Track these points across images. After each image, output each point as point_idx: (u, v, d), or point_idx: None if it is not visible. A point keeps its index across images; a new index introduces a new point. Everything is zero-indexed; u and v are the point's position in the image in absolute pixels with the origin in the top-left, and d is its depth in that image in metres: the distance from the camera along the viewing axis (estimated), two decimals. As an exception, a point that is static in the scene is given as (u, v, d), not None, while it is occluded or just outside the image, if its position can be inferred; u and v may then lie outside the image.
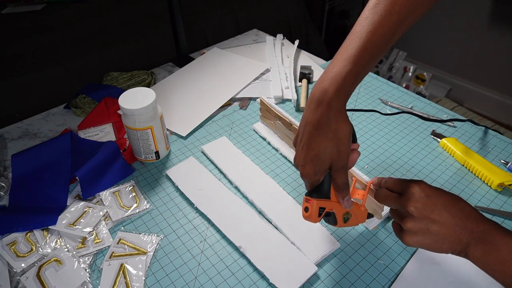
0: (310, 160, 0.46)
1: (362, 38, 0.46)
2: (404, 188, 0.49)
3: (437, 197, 0.46)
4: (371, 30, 0.46)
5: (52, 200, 0.64)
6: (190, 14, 1.20)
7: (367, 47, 0.46)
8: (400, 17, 0.47)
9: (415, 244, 0.47)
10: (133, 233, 0.60)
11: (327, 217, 0.51)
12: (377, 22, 0.46)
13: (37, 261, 0.56)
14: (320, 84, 0.47)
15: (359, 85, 0.94)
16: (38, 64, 0.99)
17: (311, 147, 0.46)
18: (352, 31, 0.48)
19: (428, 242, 0.46)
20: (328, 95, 0.45)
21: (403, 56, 2.37)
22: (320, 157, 0.46)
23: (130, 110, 0.64)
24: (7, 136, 0.81)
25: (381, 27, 0.46)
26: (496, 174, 0.66)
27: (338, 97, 0.45)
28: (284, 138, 0.75)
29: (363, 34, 0.46)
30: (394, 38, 0.48)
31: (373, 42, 0.46)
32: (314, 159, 0.46)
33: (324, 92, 0.45)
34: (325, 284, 0.54)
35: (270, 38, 1.13)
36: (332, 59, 0.48)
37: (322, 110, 0.45)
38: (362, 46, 0.46)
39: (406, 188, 0.48)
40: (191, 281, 0.54)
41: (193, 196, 0.65)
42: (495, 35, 1.97)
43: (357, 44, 0.46)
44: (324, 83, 0.46)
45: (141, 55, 1.12)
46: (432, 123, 0.81)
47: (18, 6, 1.19)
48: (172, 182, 0.68)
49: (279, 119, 0.73)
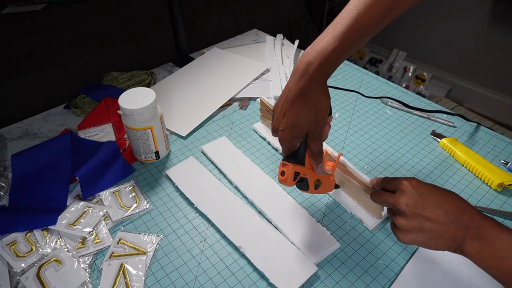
0: (289, 126, 0.49)
1: (352, 18, 0.47)
2: (396, 186, 0.49)
3: (429, 194, 0.46)
4: (362, 11, 0.47)
5: (52, 200, 0.64)
6: (190, 14, 1.20)
7: (355, 27, 0.47)
8: (392, 2, 0.48)
9: (410, 241, 0.47)
10: (133, 233, 0.60)
11: (300, 183, 0.54)
12: (369, 4, 0.47)
13: (37, 261, 0.56)
14: (306, 57, 0.48)
15: (359, 85, 0.94)
16: (38, 64, 0.99)
17: (291, 114, 0.49)
18: (344, 8, 0.49)
19: (422, 240, 0.46)
20: (312, 67, 0.47)
21: (403, 56, 2.37)
22: (299, 124, 0.49)
23: (130, 110, 0.64)
24: (7, 136, 0.81)
25: (372, 9, 0.47)
26: (496, 174, 0.66)
27: (322, 71, 0.48)
28: None
29: (353, 13, 0.47)
30: (384, 22, 0.49)
31: (362, 23, 0.47)
32: (293, 126, 0.49)
33: (309, 64, 0.48)
34: (325, 284, 0.54)
35: (270, 38, 1.13)
36: (321, 33, 0.49)
37: (305, 81, 0.48)
38: (350, 25, 0.47)
39: (397, 186, 0.49)
40: (191, 281, 0.54)
41: (193, 196, 0.65)
42: (495, 35, 1.97)
43: (347, 23, 0.47)
44: (309, 56, 0.48)
45: (141, 55, 1.12)
46: (432, 123, 0.81)
47: (18, 6, 1.19)
48: (172, 182, 0.68)
49: None
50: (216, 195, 0.65)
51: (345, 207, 0.64)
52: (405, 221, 0.46)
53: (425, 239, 0.45)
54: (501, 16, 1.92)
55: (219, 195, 0.65)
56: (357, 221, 0.62)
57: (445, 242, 0.45)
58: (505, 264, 0.41)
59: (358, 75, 0.98)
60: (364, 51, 2.55)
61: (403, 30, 2.34)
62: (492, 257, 0.42)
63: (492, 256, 0.42)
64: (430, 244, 0.46)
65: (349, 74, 0.99)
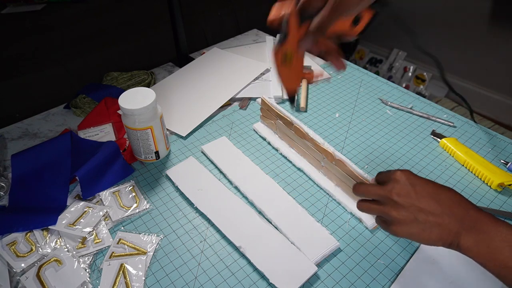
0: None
1: None
2: (389, 177, 0.48)
3: (422, 185, 0.46)
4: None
5: (52, 200, 0.64)
6: (190, 14, 1.20)
7: None
8: None
9: (403, 233, 0.45)
10: (133, 233, 0.60)
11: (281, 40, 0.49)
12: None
13: (37, 261, 0.56)
14: None
15: (359, 85, 0.94)
16: (38, 64, 0.99)
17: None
18: None
19: (416, 231, 0.44)
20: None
21: (403, 56, 2.37)
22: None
23: (130, 110, 0.64)
24: (7, 136, 0.81)
25: None
26: (496, 174, 0.66)
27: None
28: (284, 137, 0.75)
29: None
30: None
31: None
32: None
33: None
34: (325, 284, 0.54)
35: (270, 38, 1.13)
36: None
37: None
38: None
39: (390, 177, 0.47)
40: (191, 281, 0.54)
41: (193, 196, 0.65)
42: (495, 35, 1.97)
43: None
44: None
45: (141, 55, 1.12)
46: (432, 123, 0.82)
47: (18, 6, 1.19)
48: (172, 182, 0.68)
49: (280, 119, 0.73)
50: (216, 195, 0.65)
51: (345, 207, 0.64)
52: (397, 211, 0.45)
53: (419, 231, 0.44)
54: (501, 17, 1.92)
55: (219, 195, 0.65)
56: (357, 221, 0.62)
57: (439, 234, 0.43)
58: (500, 255, 0.41)
59: (358, 75, 0.98)
60: (364, 51, 2.55)
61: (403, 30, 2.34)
62: (488, 249, 0.41)
63: (488, 248, 0.41)
64: (423, 235, 0.44)
65: (349, 74, 0.99)
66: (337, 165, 0.63)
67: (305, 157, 0.72)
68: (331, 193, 0.66)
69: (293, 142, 0.73)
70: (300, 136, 0.70)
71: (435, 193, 0.45)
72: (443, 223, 0.43)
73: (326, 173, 0.68)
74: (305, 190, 0.67)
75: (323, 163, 0.67)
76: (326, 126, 0.82)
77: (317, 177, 0.69)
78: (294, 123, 0.70)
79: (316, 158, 0.69)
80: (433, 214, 0.44)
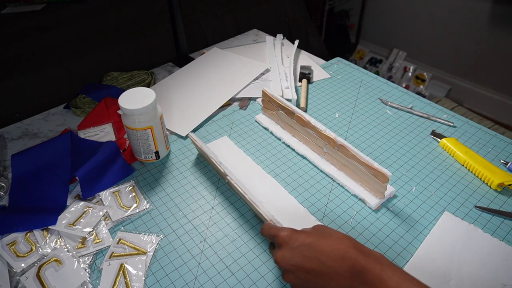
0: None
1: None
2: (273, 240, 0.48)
3: (304, 245, 0.45)
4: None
5: (52, 200, 0.64)
6: (190, 14, 1.20)
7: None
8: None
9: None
10: (133, 233, 0.60)
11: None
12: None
13: (37, 261, 0.56)
14: None
15: (359, 85, 0.94)
16: (38, 64, 0.99)
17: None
18: None
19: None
20: None
21: (403, 56, 2.37)
22: None
23: (130, 110, 0.64)
24: (7, 136, 0.81)
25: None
26: (496, 174, 0.66)
27: None
28: (286, 127, 0.77)
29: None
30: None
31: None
32: None
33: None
34: (325, 284, 0.54)
35: (270, 38, 1.13)
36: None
37: None
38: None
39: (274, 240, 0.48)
40: (191, 281, 0.54)
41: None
42: (495, 35, 1.98)
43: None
44: None
45: (141, 55, 1.12)
46: (432, 123, 0.82)
47: (18, 6, 1.20)
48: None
49: (281, 109, 0.75)
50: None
51: (349, 189, 0.66)
52: (287, 277, 0.46)
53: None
54: (501, 16, 1.93)
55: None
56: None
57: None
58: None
59: (358, 75, 0.98)
60: (364, 51, 2.55)
61: (403, 30, 2.34)
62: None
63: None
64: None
65: (349, 74, 0.99)
66: (340, 150, 0.65)
67: (308, 144, 0.74)
68: (335, 177, 0.68)
69: (295, 130, 0.75)
70: (302, 125, 0.72)
71: (317, 250, 0.44)
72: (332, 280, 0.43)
73: (329, 159, 0.70)
74: (306, 191, 0.67)
75: (325, 149, 0.69)
76: (326, 126, 0.82)
77: (320, 163, 0.71)
78: (295, 112, 0.71)
79: (318, 145, 0.70)
80: (321, 273, 0.43)
